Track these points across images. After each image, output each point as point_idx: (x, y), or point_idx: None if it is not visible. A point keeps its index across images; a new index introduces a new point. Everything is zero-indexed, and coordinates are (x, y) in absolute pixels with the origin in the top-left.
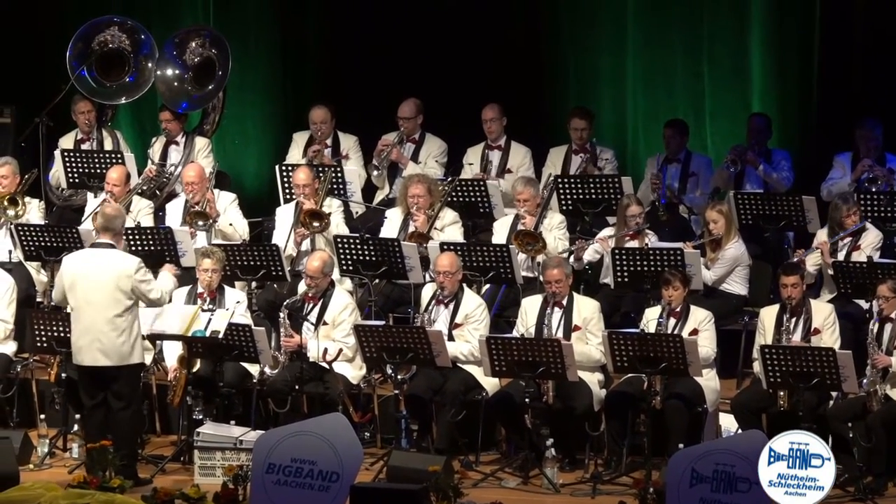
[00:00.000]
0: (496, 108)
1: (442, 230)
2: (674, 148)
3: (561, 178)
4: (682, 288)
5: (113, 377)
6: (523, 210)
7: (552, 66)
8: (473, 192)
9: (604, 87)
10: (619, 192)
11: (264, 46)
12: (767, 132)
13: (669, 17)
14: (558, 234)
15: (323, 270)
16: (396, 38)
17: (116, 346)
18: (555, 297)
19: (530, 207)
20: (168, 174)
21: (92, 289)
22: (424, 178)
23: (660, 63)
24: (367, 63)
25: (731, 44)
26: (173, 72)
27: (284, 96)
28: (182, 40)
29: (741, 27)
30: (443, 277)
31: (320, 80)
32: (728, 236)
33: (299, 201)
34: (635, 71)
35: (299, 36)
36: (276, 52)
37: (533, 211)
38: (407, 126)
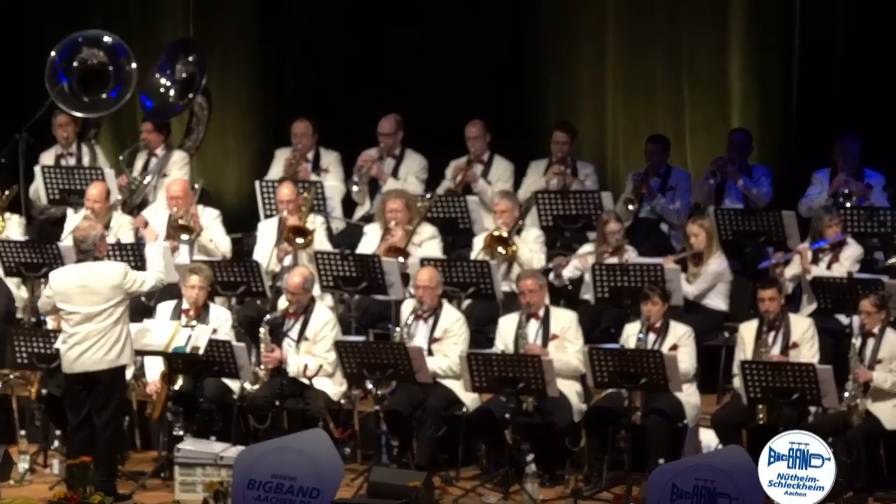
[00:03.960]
0: (479, 126)
1: (420, 245)
2: (655, 163)
3: (541, 194)
4: (662, 303)
5: (100, 381)
6: (500, 222)
7: (533, 81)
8: (453, 207)
9: (584, 102)
10: (599, 208)
11: (245, 61)
12: (748, 147)
13: (649, 32)
14: (534, 248)
15: (304, 286)
16: (379, 54)
17: (110, 354)
18: (530, 308)
19: (507, 220)
20: (137, 183)
21: (85, 301)
22: (402, 194)
23: (640, 78)
24: (349, 79)
25: (711, 59)
26: (164, 83)
27: (265, 112)
28: (172, 55)
29: (721, 42)
30: (422, 292)
31: (302, 95)
32: (710, 251)
33: (282, 217)
34: (615, 86)
35: (281, 51)
36: (258, 67)
37: (509, 224)
38: (387, 142)
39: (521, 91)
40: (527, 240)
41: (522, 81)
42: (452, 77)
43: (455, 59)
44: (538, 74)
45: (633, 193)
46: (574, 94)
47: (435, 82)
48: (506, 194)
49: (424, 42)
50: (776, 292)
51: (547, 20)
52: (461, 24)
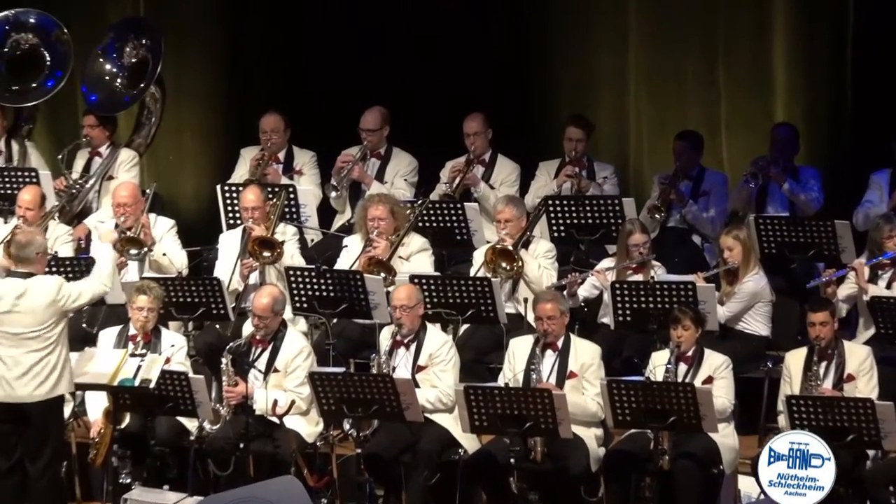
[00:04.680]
0: (479, 120)
1: (407, 259)
2: (685, 163)
3: (552, 200)
4: (695, 328)
5: (33, 417)
6: (504, 233)
7: (541, 70)
8: (448, 215)
9: (601, 92)
10: (620, 217)
11: (204, 45)
12: (794, 145)
13: (678, 10)
14: (545, 264)
15: (273, 308)
16: (360, 37)
17: (45, 384)
18: (547, 338)
19: (512, 230)
20: (78, 186)
21: (16, 322)
22: (386, 198)
23: (668, 65)
24: (327, 66)
25: (750, 42)
26: (109, 69)
27: (228, 104)
28: (120, 36)
29: (763, 23)
30: (399, 312)
31: (272, 85)
32: (746, 266)
33: (247, 227)
34: (639, 74)
35: (247, 33)
36: (219, 52)
37: (515, 235)
38: (371, 139)
39: (528, 80)
40: (535, 254)
41: (528, 68)
42: (447, 63)
43: (450, 43)
44: (547, 60)
45: (660, 199)
46: (590, 83)
47: (427, 69)
48: (510, 200)
49: (414, 24)
50: (828, 315)
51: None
52: (456, 4)
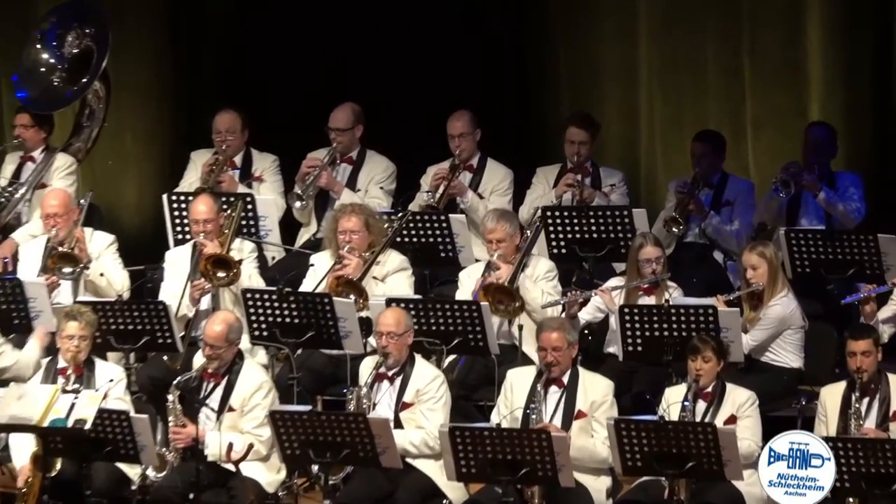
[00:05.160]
0: (466, 119)
1: (383, 279)
2: (705, 168)
3: (551, 211)
4: (716, 360)
5: None
6: (496, 255)
7: (538, 61)
8: (431, 229)
9: (608, 88)
10: (630, 230)
11: (148, 33)
12: (831, 148)
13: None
14: (546, 288)
15: (227, 337)
16: (329, 23)
17: None
18: (551, 372)
19: (506, 251)
20: (6, 195)
21: None
22: (360, 209)
23: (684, 55)
24: (289, 58)
25: (781, 28)
26: (46, 59)
27: (177, 101)
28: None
29: (795, 8)
30: (386, 340)
31: (227, 79)
32: (773, 288)
33: (198, 243)
34: (651, 66)
35: (197, 18)
36: (164, 40)
37: (510, 255)
38: (341, 140)
39: (523, 72)
40: (535, 275)
41: (524, 59)
42: (429, 53)
43: (432, 29)
44: (546, 49)
45: (677, 210)
46: (595, 77)
47: (406, 60)
48: (502, 216)
49: (390, 9)
50: (871, 344)
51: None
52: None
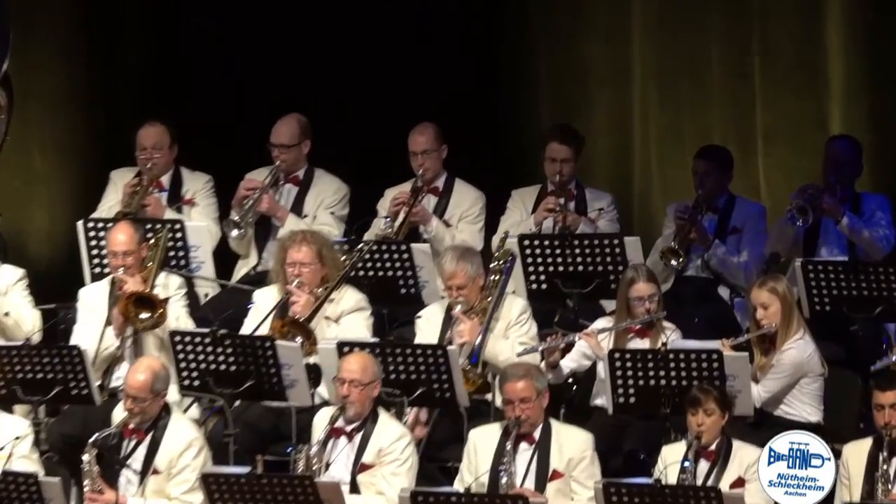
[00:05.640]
0: (430, 134)
1: (337, 320)
2: (709, 190)
3: (529, 240)
4: (720, 413)
5: None
6: (458, 307)
7: (514, 65)
8: (391, 261)
9: (595, 96)
10: (621, 262)
11: (60, 35)
12: (855, 165)
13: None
14: (519, 331)
15: (152, 387)
16: (271, 24)
17: None
18: (520, 427)
19: (470, 296)
20: None
21: None
22: (313, 238)
23: (684, 56)
24: (226, 63)
25: (796, 24)
26: None
27: (92, 112)
28: None
29: (813, 4)
30: (349, 389)
31: (151, 88)
32: (787, 330)
33: (117, 278)
34: (646, 69)
35: (116, 17)
36: (78, 44)
37: (474, 300)
38: (285, 158)
39: (496, 80)
40: (506, 315)
41: (497, 64)
42: (388, 58)
43: (391, 32)
44: (522, 53)
45: (676, 239)
46: (579, 83)
47: (360, 66)
48: (462, 255)
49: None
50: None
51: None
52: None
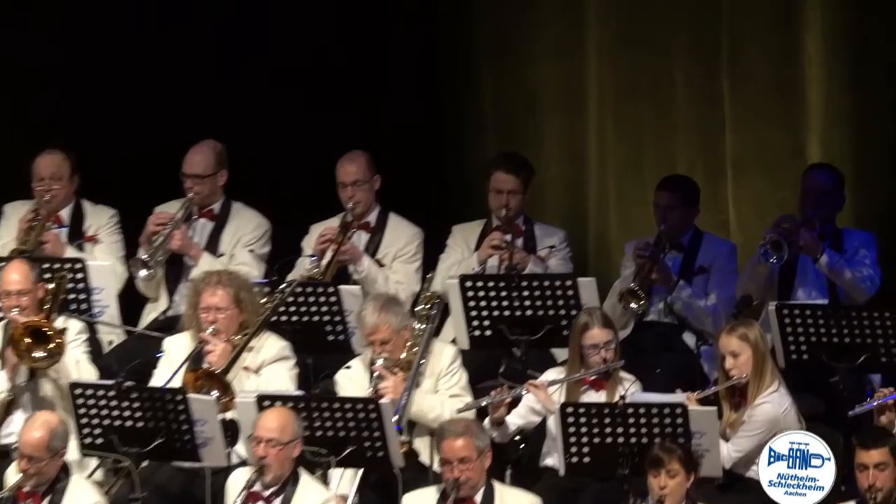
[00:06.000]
0: (361, 162)
1: (257, 371)
2: (673, 225)
3: (470, 281)
4: (685, 474)
5: None
6: (381, 361)
7: (455, 86)
8: (317, 305)
9: (546, 120)
10: (574, 306)
11: None
12: (836, 198)
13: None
14: (448, 385)
15: (49, 446)
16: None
17: None
18: (459, 490)
19: (395, 351)
20: None
21: None
22: (229, 279)
23: (646, 77)
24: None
25: (771, 44)
26: None
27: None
28: None
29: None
30: (265, 449)
31: (50, 111)
32: (760, 382)
33: (10, 319)
34: (602, 93)
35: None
36: None
37: (399, 354)
38: (199, 190)
39: (434, 104)
40: (435, 367)
41: (436, 84)
42: (311, 77)
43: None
44: (465, 72)
45: (636, 280)
46: (528, 107)
47: (279, 86)
48: (384, 305)
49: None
50: (887, 454)
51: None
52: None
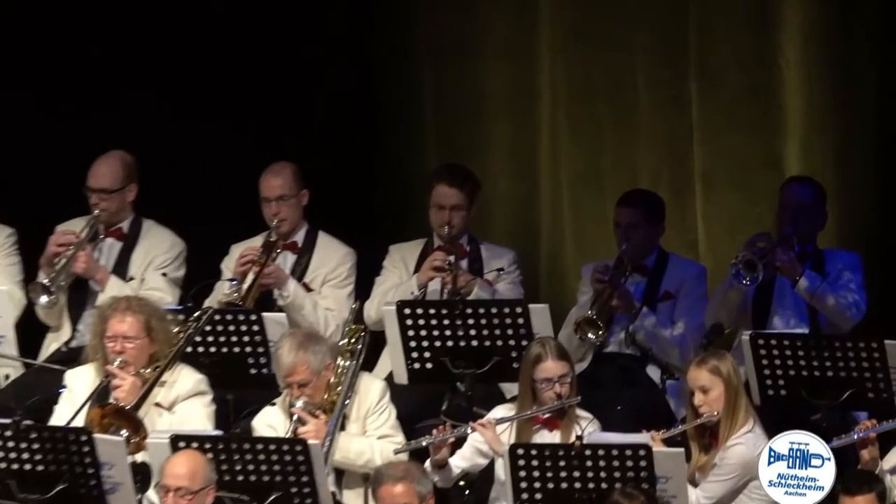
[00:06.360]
0: (287, 175)
1: (171, 408)
2: (636, 245)
3: (409, 308)
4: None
5: None
6: (299, 402)
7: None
8: (236, 334)
9: (494, 129)
10: (525, 336)
11: None
12: (817, 214)
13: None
14: (376, 425)
15: None
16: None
17: None
18: None
19: (315, 394)
20: None
21: None
22: (139, 305)
23: (604, 80)
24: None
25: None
26: None
27: None
28: None
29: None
30: (174, 499)
31: None
32: (733, 420)
33: None
34: (556, 97)
35: None
36: None
37: (320, 397)
38: (106, 206)
39: (368, 110)
40: (362, 405)
41: (370, 88)
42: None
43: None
44: (403, 74)
45: (594, 307)
46: (475, 111)
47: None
48: (302, 344)
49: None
50: (874, 501)
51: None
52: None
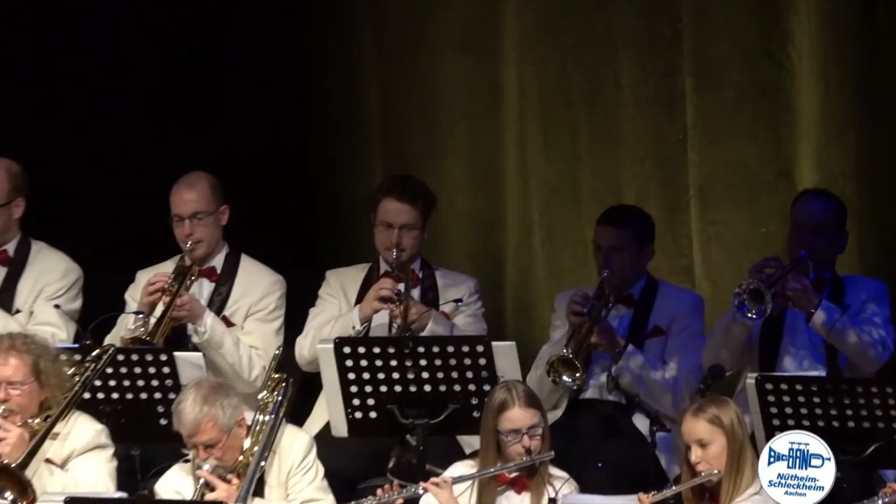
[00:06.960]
0: (203, 188)
1: (63, 465)
2: (620, 271)
3: (348, 345)
4: None
5: None
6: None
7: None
8: (144, 377)
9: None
10: (488, 379)
11: None
12: (835, 235)
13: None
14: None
15: None
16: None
17: None
18: None
19: (226, 455)
20: None
21: None
22: (24, 344)
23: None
24: None
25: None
26: None
27: None
28: None
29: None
30: None
31: None
32: (736, 478)
33: None
34: (525, 97)
35: None
36: None
37: (232, 459)
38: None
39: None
40: (283, 464)
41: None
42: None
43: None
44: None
45: (570, 345)
46: (429, 115)
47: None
48: (208, 397)
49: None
50: None
51: None
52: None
